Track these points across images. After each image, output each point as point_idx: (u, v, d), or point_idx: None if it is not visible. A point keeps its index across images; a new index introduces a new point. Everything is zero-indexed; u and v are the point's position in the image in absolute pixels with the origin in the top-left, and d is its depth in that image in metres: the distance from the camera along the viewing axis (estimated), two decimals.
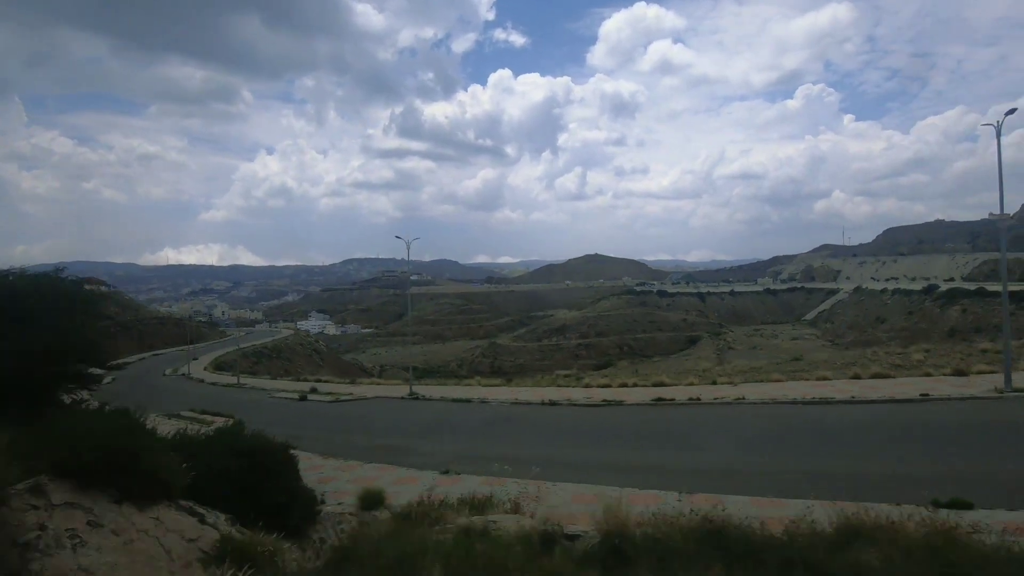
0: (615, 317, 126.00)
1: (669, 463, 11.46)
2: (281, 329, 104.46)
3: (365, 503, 9.83)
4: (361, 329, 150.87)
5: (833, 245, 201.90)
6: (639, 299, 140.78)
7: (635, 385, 20.88)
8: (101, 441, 5.38)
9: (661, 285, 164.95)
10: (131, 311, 79.48)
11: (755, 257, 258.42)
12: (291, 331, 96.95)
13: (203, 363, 51.08)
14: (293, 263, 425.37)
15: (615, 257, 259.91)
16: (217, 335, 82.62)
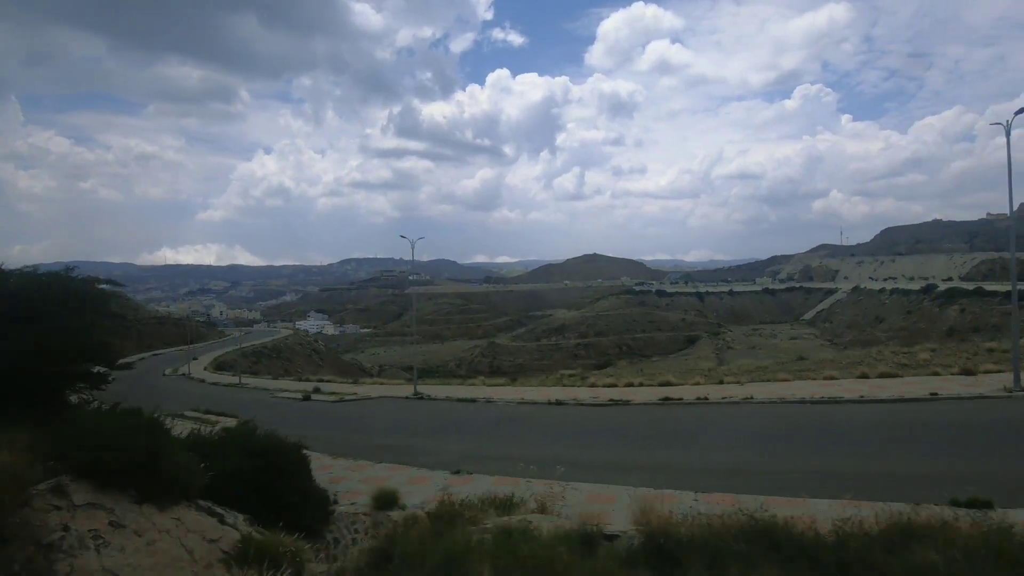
0: (614, 317, 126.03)
1: (680, 463, 11.41)
2: (280, 329, 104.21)
3: (379, 503, 9.76)
4: (359, 329, 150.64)
5: (831, 245, 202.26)
6: (638, 299, 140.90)
7: (641, 385, 20.81)
8: (121, 441, 5.34)
9: (660, 285, 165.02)
10: (129, 311, 79.20)
11: (753, 257, 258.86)
12: (290, 331, 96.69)
13: (203, 363, 50.88)
14: (291, 263, 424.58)
15: (613, 257, 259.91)
16: (216, 335, 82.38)
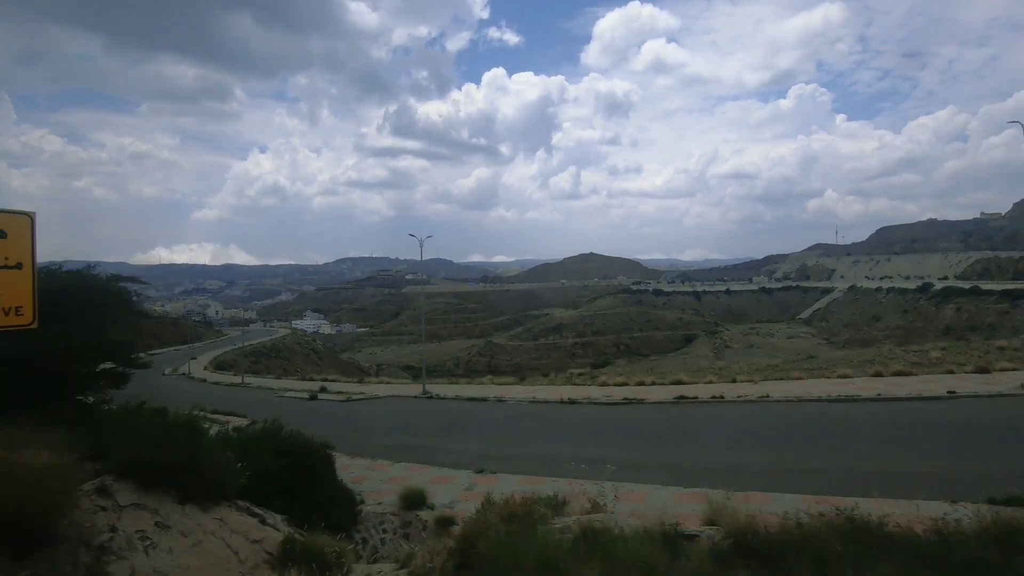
0: (611, 316, 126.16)
1: (704, 461, 11.31)
2: (278, 328, 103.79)
3: (407, 503, 9.65)
4: (356, 328, 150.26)
5: (826, 244, 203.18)
6: (635, 298, 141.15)
7: (653, 383, 20.73)
8: (163, 440, 5.22)
9: (657, 284, 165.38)
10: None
11: (749, 256, 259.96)
12: (288, 331, 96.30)
13: (202, 363, 50.53)
14: (287, 262, 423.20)
15: (610, 256, 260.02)
16: (213, 334, 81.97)
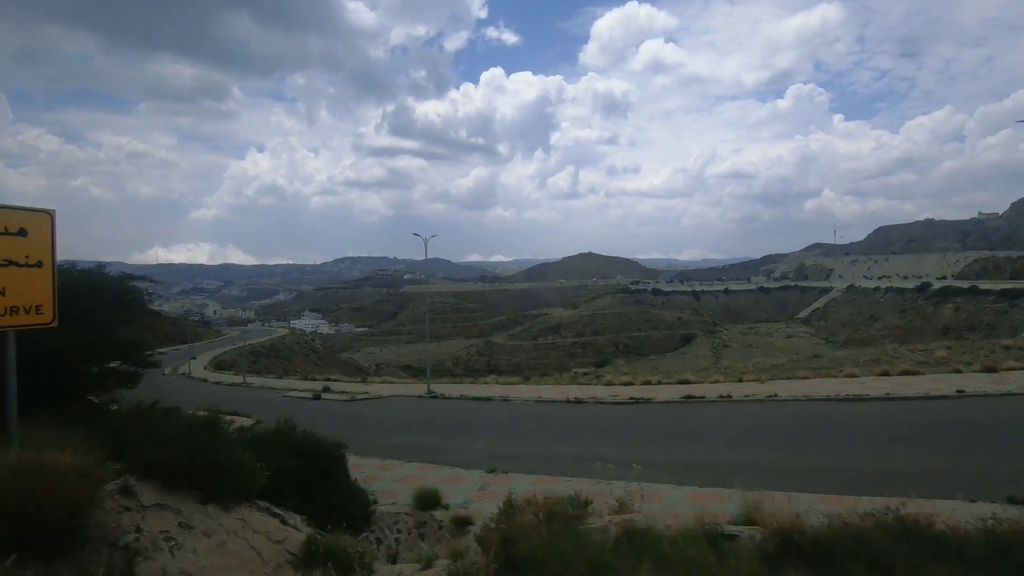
0: (610, 316, 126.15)
1: (717, 460, 11.26)
2: (276, 328, 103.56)
3: (421, 503, 9.60)
4: (355, 328, 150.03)
5: (825, 244, 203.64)
6: (634, 298, 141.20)
7: (659, 383, 20.67)
8: (185, 439, 5.18)
9: (655, 284, 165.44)
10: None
11: (747, 256, 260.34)
12: (287, 330, 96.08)
13: (202, 362, 50.34)
14: (284, 262, 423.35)
15: (608, 256, 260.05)
16: (212, 334, 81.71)
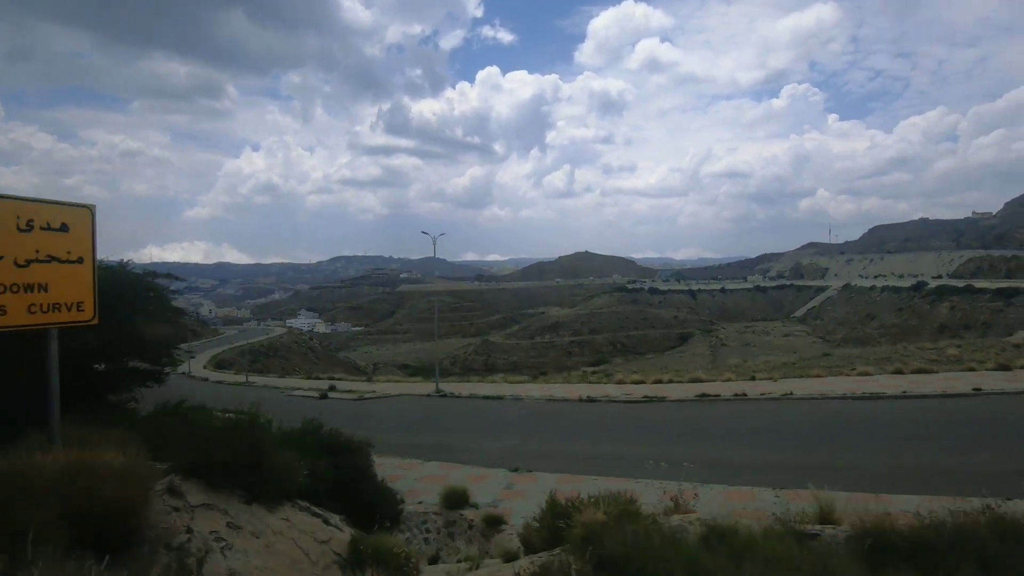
0: (607, 315, 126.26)
1: (738, 459, 11.22)
2: (273, 327, 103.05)
3: (449, 502, 9.52)
4: (351, 327, 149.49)
5: (820, 243, 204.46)
6: (630, 296, 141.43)
7: (671, 381, 20.64)
8: (229, 439, 5.08)
9: (652, 283, 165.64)
10: None
11: (742, 255, 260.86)
12: (284, 329, 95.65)
13: (201, 361, 49.95)
14: (279, 261, 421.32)
15: (605, 255, 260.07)
16: (210, 333, 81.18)
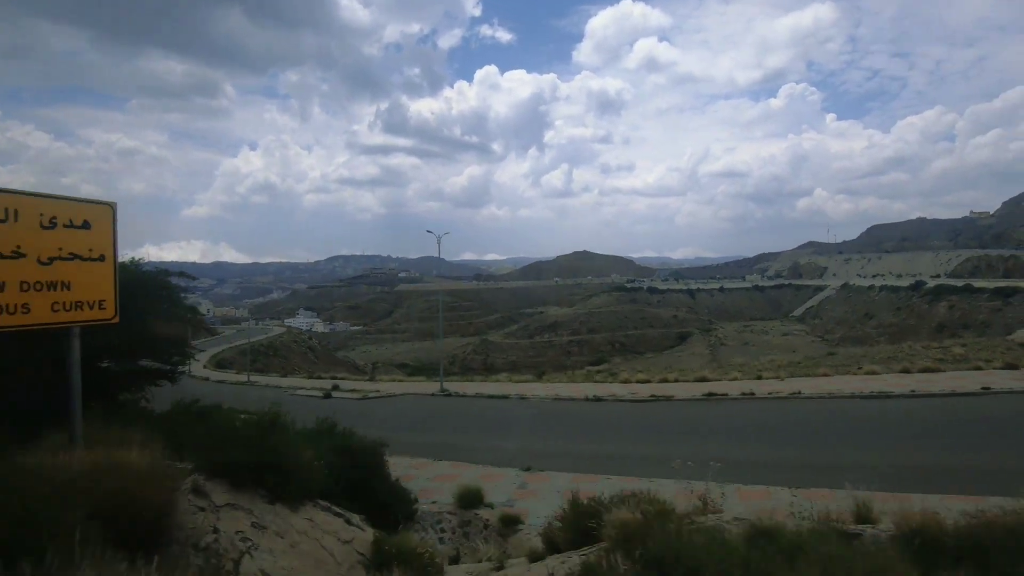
0: (606, 314, 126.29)
1: (751, 458, 11.14)
2: (272, 327, 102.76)
3: (463, 501, 9.47)
4: (350, 327, 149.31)
5: (818, 242, 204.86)
6: (629, 296, 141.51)
7: (677, 380, 20.60)
8: (250, 438, 5.04)
9: (651, 282, 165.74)
10: None
11: (740, 254, 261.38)
12: (283, 329, 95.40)
13: (201, 361, 49.74)
14: (277, 260, 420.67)
15: (603, 254, 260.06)
16: (207, 332, 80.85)
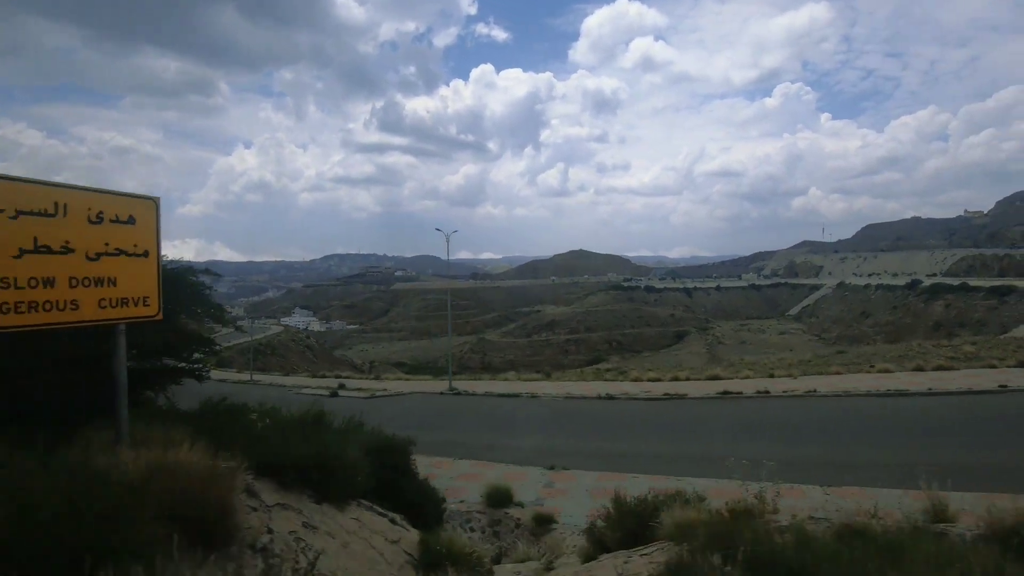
0: (603, 313, 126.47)
1: (776, 456, 10.87)
2: (269, 325, 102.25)
3: (492, 500, 9.40)
4: (346, 325, 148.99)
5: (813, 242, 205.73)
6: (626, 295, 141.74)
7: (688, 379, 20.56)
8: (297, 437, 4.98)
9: (648, 281, 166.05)
10: None
11: (736, 253, 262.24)
12: (280, 327, 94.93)
13: None
14: (272, 259, 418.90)
15: (599, 253, 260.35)
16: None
